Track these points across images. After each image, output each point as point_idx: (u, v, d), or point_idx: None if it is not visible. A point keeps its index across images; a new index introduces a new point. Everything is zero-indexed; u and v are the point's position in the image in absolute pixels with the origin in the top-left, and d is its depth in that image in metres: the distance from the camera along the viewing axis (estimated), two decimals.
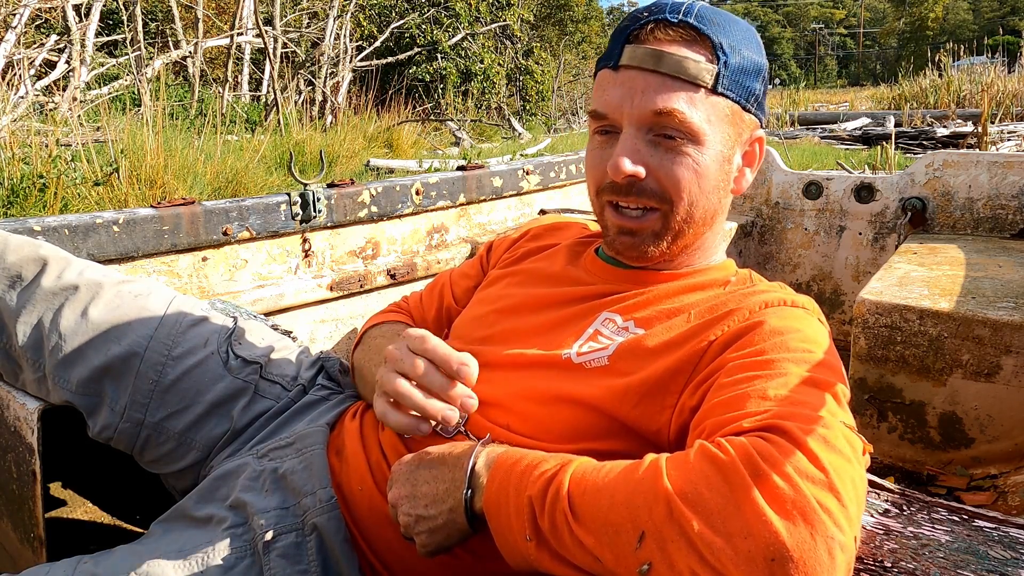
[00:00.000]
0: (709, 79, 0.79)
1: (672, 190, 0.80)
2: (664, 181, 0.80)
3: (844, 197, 2.32)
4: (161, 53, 7.14)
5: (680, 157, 0.79)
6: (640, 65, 0.79)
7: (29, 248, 1.05)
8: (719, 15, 0.82)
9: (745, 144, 0.86)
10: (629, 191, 0.81)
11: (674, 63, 0.78)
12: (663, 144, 0.79)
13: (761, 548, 0.51)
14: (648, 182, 0.80)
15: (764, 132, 0.89)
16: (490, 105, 11.02)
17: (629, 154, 0.79)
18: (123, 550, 0.82)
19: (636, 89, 0.79)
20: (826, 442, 0.58)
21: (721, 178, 0.83)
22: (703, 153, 0.80)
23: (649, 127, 0.79)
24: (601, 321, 0.83)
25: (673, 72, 0.78)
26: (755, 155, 0.88)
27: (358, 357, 1.01)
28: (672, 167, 0.79)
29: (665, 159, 0.79)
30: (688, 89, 0.78)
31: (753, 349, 0.70)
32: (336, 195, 1.78)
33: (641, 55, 0.79)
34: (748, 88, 0.82)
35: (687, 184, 0.80)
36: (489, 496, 0.65)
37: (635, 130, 0.79)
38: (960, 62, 14.59)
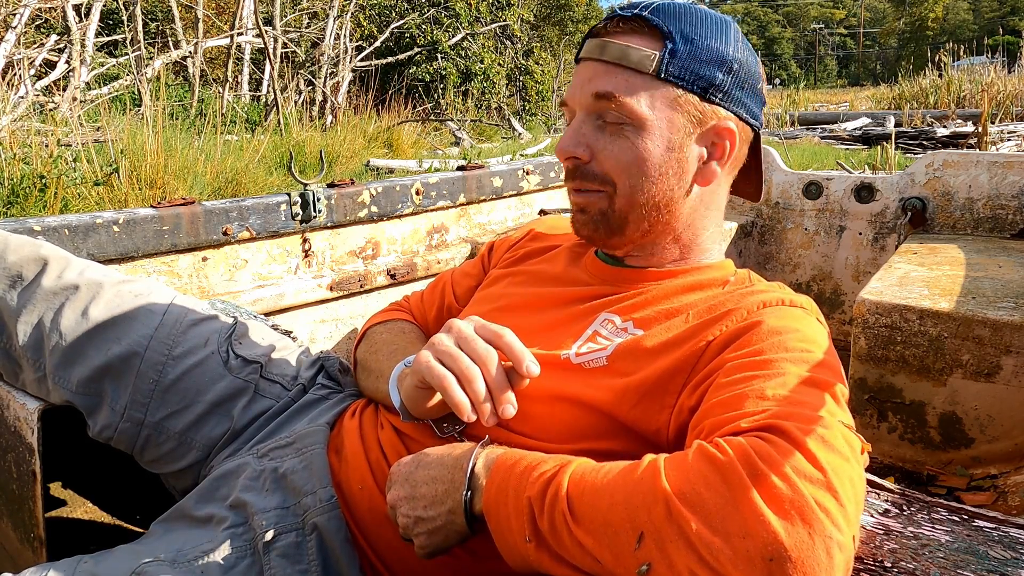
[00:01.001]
0: (651, 65, 0.80)
1: (612, 171, 0.82)
2: (604, 163, 0.83)
3: (844, 197, 2.32)
4: (161, 53, 7.14)
5: (620, 140, 0.82)
6: (590, 55, 0.84)
7: (29, 248, 1.05)
8: (684, 10, 0.83)
9: (709, 135, 0.84)
10: (575, 174, 0.85)
11: (616, 51, 0.81)
12: (607, 128, 0.82)
13: (759, 548, 0.51)
14: (592, 165, 0.83)
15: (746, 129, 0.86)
16: (490, 105, 11.02)
17: (571, 136, 0.83)
18: (123, 550, 0.82)
19: (585, 77, 0.83)
20: (824, 442, 0.58)
21: (670, 165, 0.82)
22: (644, 138, 0.81)
23: (596, 112, 0.82)
24: (600, 322, 0.84)
25: (615, 59, 0.81)
26: (725, 148, 0.85)
27: (361, 353, 1.01)
28: (612, 149, 0.82)
29: (608, 142, 0.82)
30: (629, 75, 0.81)
31: (751, 349, 0.70)
32: (336, 195, 1.78)
33: (591, 46, 0.84)
34: (704, 76, 0.81)
35: (625, 166, 0.82)
36: (488, 497, 0.66)
37: (584, 115, 0.83)
38: (960, 62, 14.59)
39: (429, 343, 0.77)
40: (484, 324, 0.77)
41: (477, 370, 0.73)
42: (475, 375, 0.72)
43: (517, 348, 0.74)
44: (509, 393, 0.74)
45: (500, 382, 0.73)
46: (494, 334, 0.75)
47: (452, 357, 0.74)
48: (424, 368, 0.74)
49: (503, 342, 0.75)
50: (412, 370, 0.78)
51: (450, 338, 0.76)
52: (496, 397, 0.73)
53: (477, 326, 0.77)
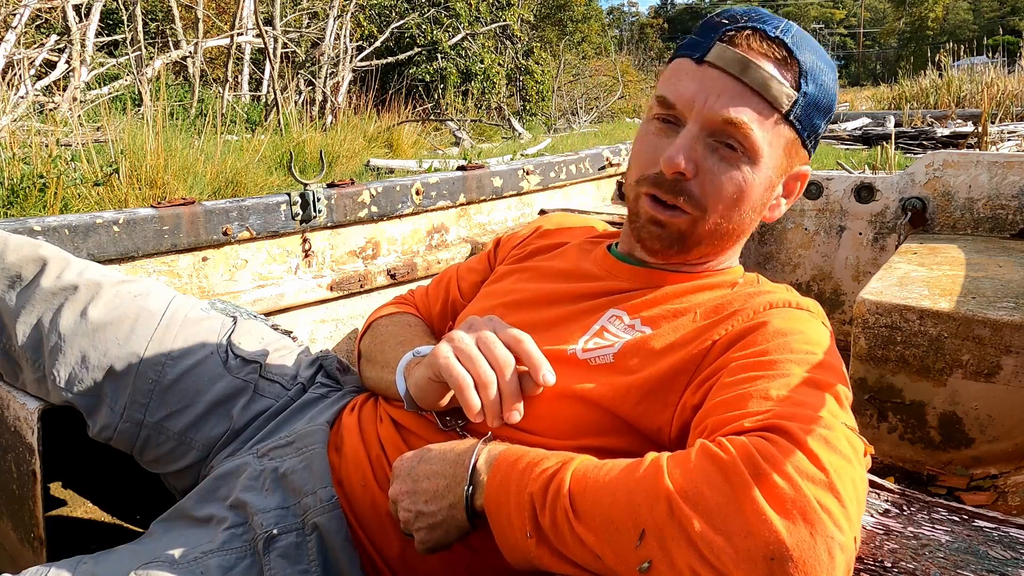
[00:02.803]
0: (786, 104, 0.78)
1: (709, 197, 0.79)
2: (708, 187, 0.79)
3: (844, 197, 2.32)
4: (161, 53, 7.14)
5: (732, 170, 0.79)
6: (726, 68, 0.77)
7: (29, 248, 1.05)
8: (812, 43, 0.81)
9: (793, 177, 0.86)
10: (669, 187, 0.80)
11: (760, 78, 0.77)
12: (720, 152, 0.79)
13: (761, 547, 0.52)
14: (692, 184, 0.79)
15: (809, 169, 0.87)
16: (490, 105, 11.02)
17: (686, 151, 0.78)
18: (123, 550, 0.82)
19: (714, 90, 0.77)
20: (827, 443, 0.58)
21: (762, 201, 0.83)
22: (755, 173, 0.79)
23: (713, 131, 0.78)
24: (608, 318, 0.84)
25: (756, 86, 0.77)
26: (795, 190, 0.87)
27: (366, 344, 1.01)
28: (721, 176, 0.79)
29: (717, 166, 0.79)
30: (763, 107, 0.77)
31: (756, 349, 0.70)
32: (336, 195, 1.78)
33: (730, 58, 0.77)
34: (814, 124, 0.82)
35: (728, 197, 0.79)
36: (490, 493, 0.66)
37: (699, 129, 0.78)
38: (960, 62, 14.59)
39: (448, 337, 0.77)
40: (505, 327, 0.78)
41: (494, 376, 0.74)
42: (491, 381, 0.73)
43: (536, 356, 0.75)
44: (520, 401, 0.75)
45: (513, 389, 0.74)
46: (514, 339, 0.76)
47: (471, 359, 0.74)
48: (442, 364, 0.74)
49: (522, 348, 0.75)
50: (427, 362, 0.78)
51: (471, 337, 0.76)
52: (506, 403, 0.74)
53: (498, 328, 0.77)
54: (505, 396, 0.74)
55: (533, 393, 0.76)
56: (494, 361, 0.75)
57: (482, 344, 0.76)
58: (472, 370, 0.74)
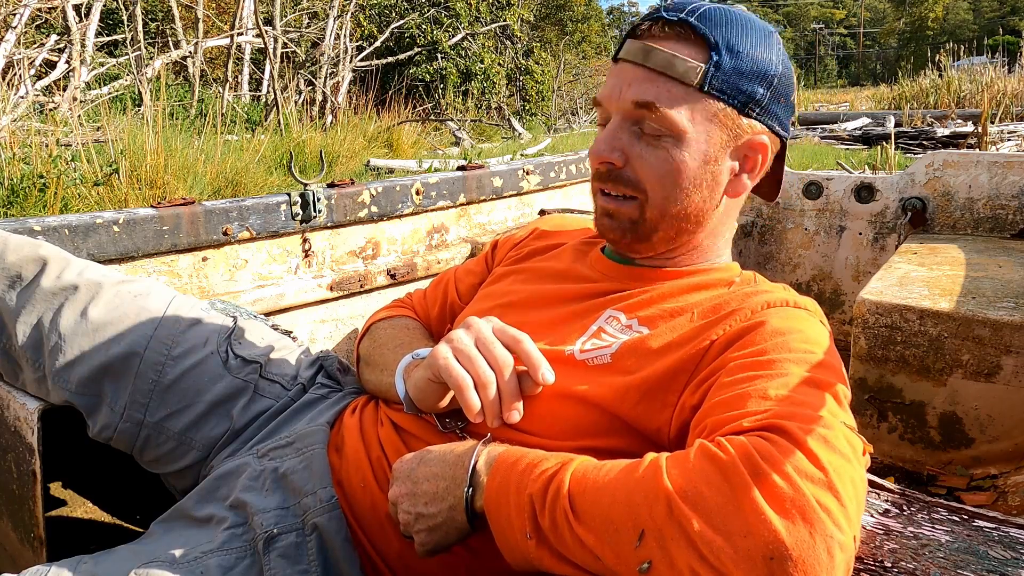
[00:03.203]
0: (695, 78, 0.79)
1: (645, 180, 0.82)
2: (639, 171, 0.82)
3: (844, 197, 2.32)
4: (161, 53, 7.14)
5: (657, 151, 0.81)
6: (631, 59, 0.82)
7: (29, 248, 1.05)
8: (730, 16, 0.81)
9: (743, 149, 0.84)
10: (608, 178, 0.84)
11: (662, 59, 0.80)
12: (644, 137, 0.81)
13: (760, 547, 0.52)
14: (626, 171, 0.83)
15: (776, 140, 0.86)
16: (490, 105, 11.02)
17: (608, 142, 0.82)
18: (123, 550, 0.82)
19: (624, 81, 0.82)
20: (826, 442, 0.58)
21: (704, 178, 0.82)
22: (683, 150, 0.80)
23: (634, 119, 0.81)
24: (605, 319, 0.84)
25: (659, 68, 0.80)
26: (756, 162, 0.86)
27: (365, 348, 1.01)
28: (648, 158, 0.81)
29: (644, 151, 0.81)
30: (672, 85, 0.79)
31: (754, 349, 0.70)
32: (336, 195, 1.78)
33: (634, 49, 0.82)
34: (746, 91, 0.81)
35: (660, 177, 0.81)
36: (490, 494, 0.66)
37: (620, 120, 0.82)
38: (960, 62, 14.59)
39: (447, 338, 0.78)
40: (503, 327, 0.78)
41: (493, 376, 0.74)
42: (490, 380, 0.74)
43: (535, 356, 0.76)
44: (519, 401, 0.75)
45: (512, 389, 0.75)
46: (512, 339, 0.77)
47: (470, 359, 0.75)
48: (442, 365, 0.75)
49: (521, 348, 0.76)
50: (427, 364, 0.79)
51: (469, 337, 0.77)
52: (505, 403, 0.75)
53: (496, 328, 0.78)
54: (504, 396, 0.74)
55: (532, 392, 0.76)
56: (493, 361, 0.75)
57: (481, 344, 0.76)
58: (471, 370, 0.74)
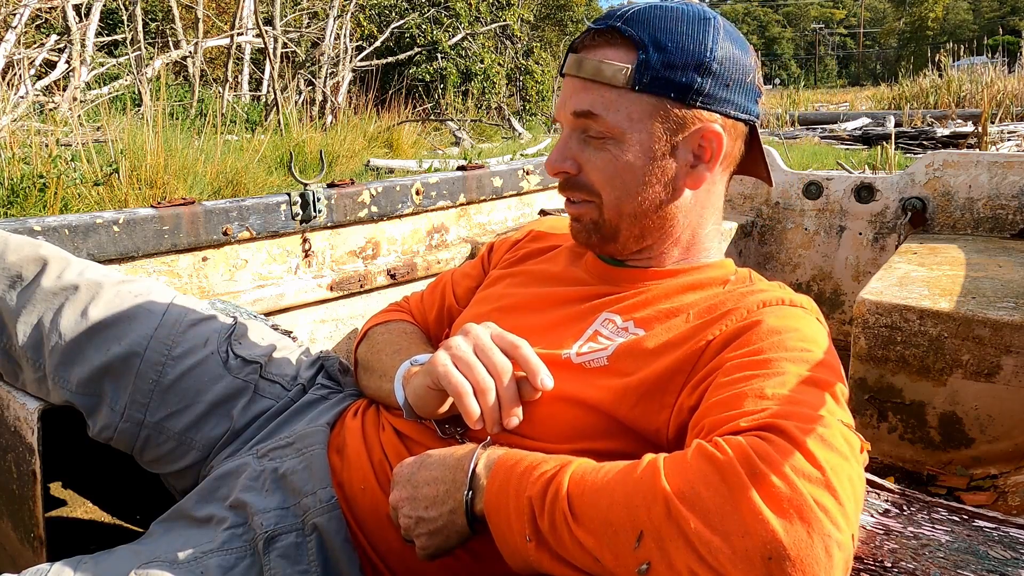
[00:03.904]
0: (623, 78, 0.81)
1: (597, 183, 0.85)
2: (591, 175, 0.85)
3: (844, 197, 2.32)
4: (161, 53, 7.14)
5: (602, 153, 0.83)
6: (569, 71, 0.85)
7: (29, 248, 1.05)
8: (659, 12, 0.82)
9: (694, 139, 0.83)
10: (567, 186, 0.87)
11: (591, 67, 0.82)
12: (590, 143, 0.84)
13: (758, 547, 0.52)
14: (581, 177, 0.86)
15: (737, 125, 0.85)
16: (490, 105, 11.02)
17: (558, 152, 0.86)
18: (123, 550, 0.82)
19: (566, 94, 0.85)
20: (823, 441, 0.58)
21: (653, 173, 0.83)
22: (625, 150, 0.82)
23: (579, 128, 0.85)
24: (601, 322, 0.84)
25: (590, 76, 0.82)
26: (712, 151, 0.84)
27: (363, 353, 1.01)
28: (596, 162, 0.84)
29: (592, 155, 0.84)
30: (604, 91, 0.82)
31: (751, 348, 0.70)
32: (336, 195, 1.78)
33: (570, 63, 0.85)
34: (680, 82, 0.80)
35: (609, 178, 0.84)
36: (489, 497, 0.66)
37: (568, 131, 0.86)
38: (960, 62, 14.59)
39: (445, 345, 0.78)
40: (502, 334, 0.79)
41: (492, 382, 0.75)
42: (490, 387, 0.74)
43: (533, 362, 0.76)
44: (517, 408, 0.75)
45: (511, 395, 0.75)
46: (511, 345, 0.77)
47: (469, 366, 0.75)
48: (441, 372, 0.75)
49: (519, 354, 0.77)
50: (425, 371, 0.79)
51: (468, 344, 0.77)
52: (505, 409, 0.75)
53: (495, 335, 0.78)
54: (504, 402, 0.75)
55: (532, 398, 0.76)
56: (492, 367, 0.75)
57: (480, 351, 0.77)
58: (470, 377, 0.75)
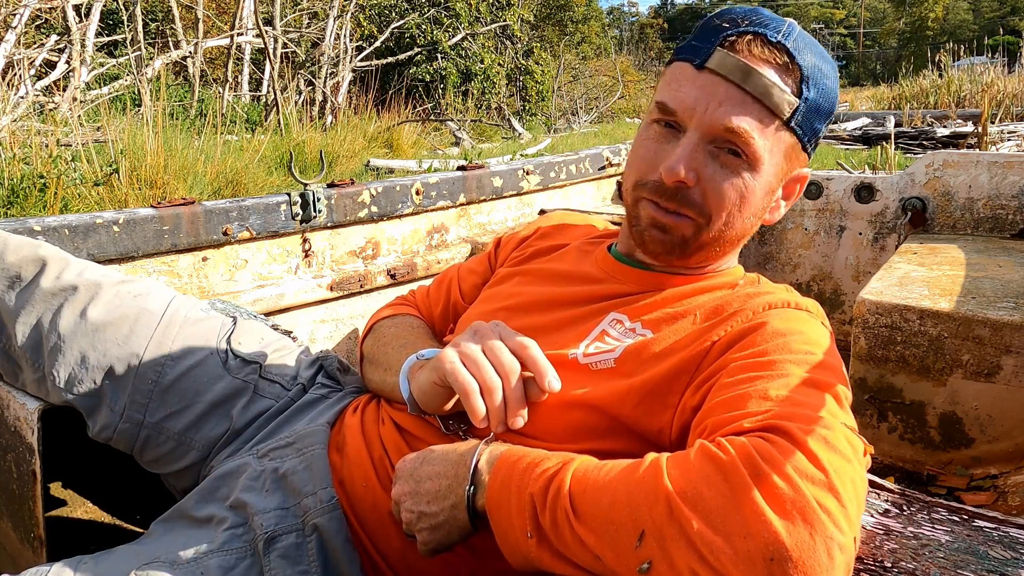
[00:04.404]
0: (787, 111, 0.77)
1: (714, 206, 0.79)
2: (710, 195, 0.78)
3: (844, 197, 2.32)
4: (161, 53, 7.14)
5: (733, 177, 0.78)
6: (727, 75, 0.76)
7: (29, 248, 1.05)
8: (813, 45, 0.80)
9: (793, 180, 0.85)
10: (673, 196, 0.79)
11: (762, 86, 0.76)
12: (721, 159, 0.78)
13: (760, 548, 0.52)
14: (694, 192, 0.78)
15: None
16: (490, 105, 11.01)
17: (687, 160, 0.77)
18: (123, 550, 0.82)
19: (715, 97, 0.76)
20: (827, 443, 0.58)
21: (763, 206, 0.83)
22: (755, 179, 0.79)
23: (713, 139, 0.77)
24: (609, 322, 0.83)
25: (757, 93, 0.76)
26: (794, 191, 0.86)
27: (368, 346, 1.01)
28: (722, 184, 0.78)
29: (719, 174, 0.78)
30: (763, 114, 0.77)
31: (755, 350, 0.70)
32: (336, 195, 1.78)
33: (731, 65, 0.76)
34: (815, 128, 0.81)
35: (730, 205, 0.79)
36: (491, 493, 0.66)
37: (699, 137, 0.77)
38: (960, 62, 14.58)
39: (454, 343, 0.78)
40: (511, 334, 0.78)
41: (500, 382, 0.75)
42: (496, 386, 0.74)
43: (541, 363, 0.76)
44: (523, 407, 0.75)
45: (518, 396, 0.75)
46: (520, 345, 0.77)
47: (477, 365, 0.75)
48: (448, 370, 0.75)
49: (528, 354, 0.76)
50: (432, 367, 0.79)
51: (476, 343, 0.77)
52: (511, 409, 0.75)
53: (504, 334, 0.78)
54: (510, 402, 0.75)
55: (538, 399, 0.76)
56: (500, 367, 0.75)
57: (488, 350, 0.76)
58: (478, 376, 0.75)
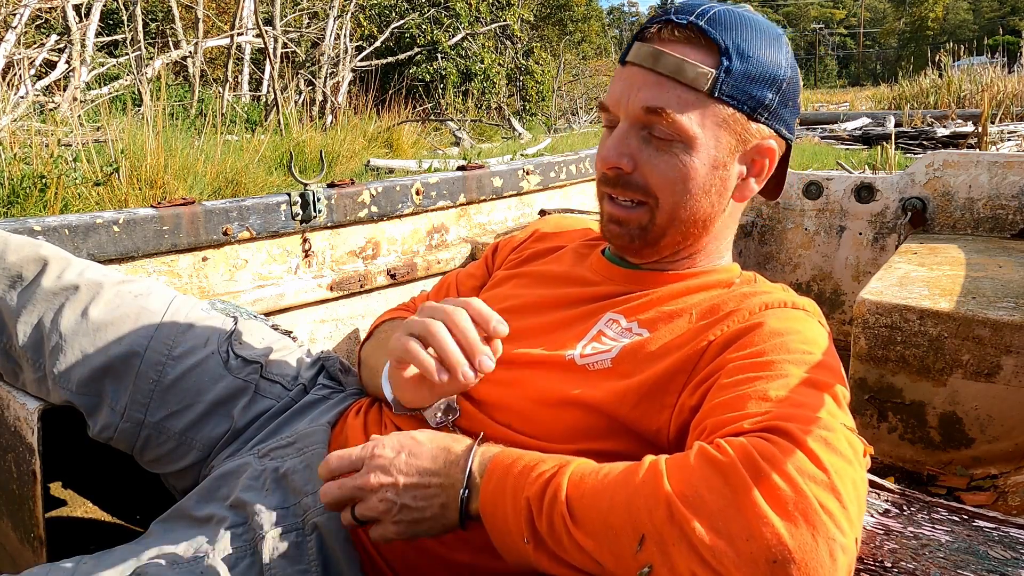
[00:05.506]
0: (706, 84, 0.78)
1: (655, 186, 0.81)
2: (649, 177, 0.81)
3: (844, 197, 2.32)
4: (161, 53, 7.14)
5: (667, 156, 0.80)
6: (641, 63, 0.81)
7: (29, 248, 1.05)
8: (739, 19, 0.81)
9: (751, 153, 0.84)
10: (617, 183, 0.83)
11: (671, 64, 0.79)
12: (654, 142, 0.81)
13: (763, 550, 0.51)
14: (635, 176, 0.82)
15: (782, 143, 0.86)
16: (490, 105, 11.02)
17: (617, 147, 0.81)
18: (123, 550, 0.82)
19: (634, 85, 0.81)
20: (827, 444, 0.58)
21: (713, 183, 0.82)
22: (692, 156, 0.80)
23: (643, 124, 0.81)
24: (605, 322, 0.84)
25: (669, 73, 0.79)
26: (763, 166, 0.85)
27: (366, 351, 1.01)
28: (658, 164, 0.81)
29: (653, 156, 0.81)
30: (682, 91, 0.79)
31: (753, 350, 0.70)
32: (336, 195, 1.78)
33: (643, 53, 0.81)
34: (755, 96, 0.80)
35: (670, 183, 0.81)
36: (485, 496, 0.65)
37: (629, 125, 0.81)
38: (960, 62, 14.59)
39: (406, 323, 0.78)
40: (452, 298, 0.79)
41: (440, 325, 0.74)
42: (438, 329, 0.73)
43: (484, 311, 0.75)
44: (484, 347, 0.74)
45: (472, 337, 0.74)
46: (461, 302, 0.77)
47: (417, 323, 0.75)
48: (395, 346, 0.76)
49: (471, 308, 0.76)
50: (389, 352, 0.79)
51: (418, 315, 0.77)
52: (470, 351, 0.73)
53: (446, 299, 0.78)
54: (467, 345, 0.74)
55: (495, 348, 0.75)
56: (443, 316, 0.74)
57: (427, 311, 0.76)
58: (418, 331, 0.74)
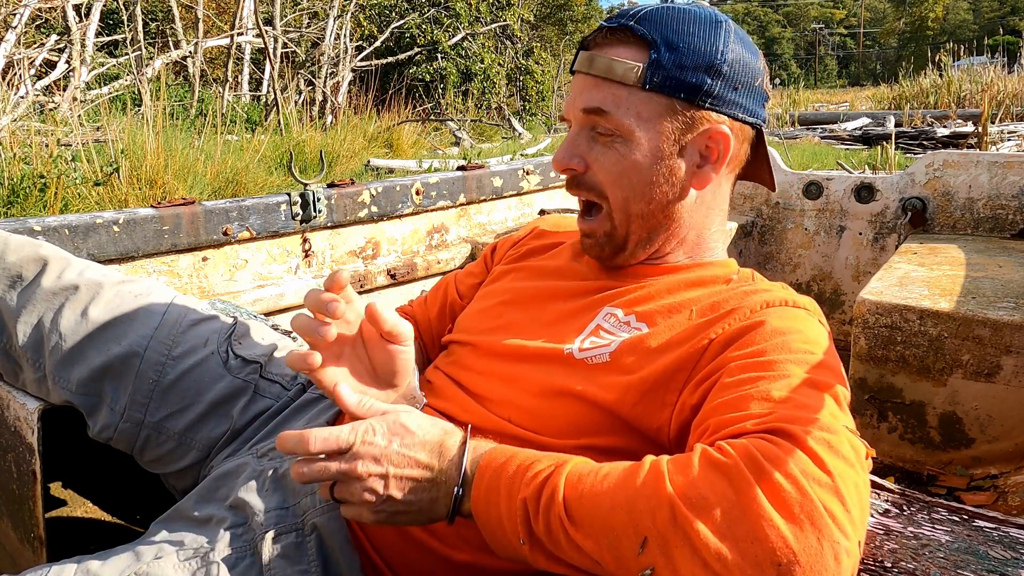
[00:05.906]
0: (634, 77, 0.81)
1: (604, 183, 0.85)
2: (598, 174, 0.85)
3: (844, 197, 2.32)
4: (161, 53, 7.14)
5: (610, 152, 0.84)
6: (580, 69, 0.86)
7: (29, 248, 1.05)
8: (671, 13, 0.83)
9: (701, 140, 0.84)
10: (573, 184, 0.88)
11: (602, 64, 0.83)
12: (599, 140, 0.85)
13: (768, 553, 0.51)
14: (588, 176, 0.86)
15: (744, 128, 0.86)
16: (490, 105, 11.02)
17: (567, 148, 0.86)
18: (123, 550, 0.82)
19: (576, 91, 0.86)
20: (830, 446, 0.57)
21: (660, 172, 0.83)
22: (633, 149, 0.83)
23: (589, 125, 0.85)
24: (603, 316, 0.84)
25: (601, 73, 0.83)
26: (715, 152, 0.85)
27: None
28: (603, 161, 0.85)
29: (601, 154, 0.85)
30: (615, 88, 0.82)
31: (754, 349, 0.70)
32: (336, 195, 1.78)
33: (582, 60, 0.86)
34: (691, 83, 0.81)
35: (616, 177, 0.84)
36: (478, 496, 0.64)
37: (577, 128, 0.86)
38: (960, 62, 14.59)
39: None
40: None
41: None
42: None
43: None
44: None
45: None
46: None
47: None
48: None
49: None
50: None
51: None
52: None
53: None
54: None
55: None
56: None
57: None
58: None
